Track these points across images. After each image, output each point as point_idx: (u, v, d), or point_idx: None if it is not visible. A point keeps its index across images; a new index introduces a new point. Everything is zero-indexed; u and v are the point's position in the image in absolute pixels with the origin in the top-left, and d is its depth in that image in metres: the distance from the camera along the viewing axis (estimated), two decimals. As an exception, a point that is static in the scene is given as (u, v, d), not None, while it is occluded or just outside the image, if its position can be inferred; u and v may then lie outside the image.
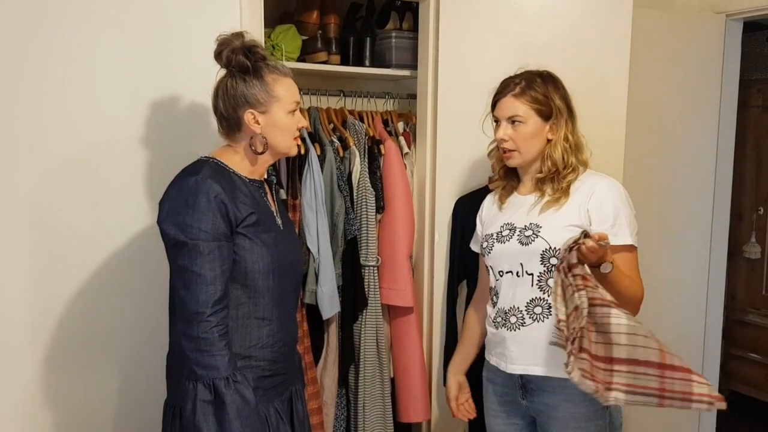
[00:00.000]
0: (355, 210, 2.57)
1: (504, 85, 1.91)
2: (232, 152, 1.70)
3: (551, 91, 1.87)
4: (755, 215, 4.02)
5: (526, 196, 1.94)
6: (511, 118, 1.87)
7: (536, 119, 1.86)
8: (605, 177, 1.89)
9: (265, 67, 1.66)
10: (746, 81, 3.76)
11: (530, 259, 1.84)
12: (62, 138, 1.97)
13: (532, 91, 1.86)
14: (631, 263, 1.82)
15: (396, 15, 2.86)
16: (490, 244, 1.94)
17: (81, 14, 1.95)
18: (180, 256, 1.54)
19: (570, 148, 1.87)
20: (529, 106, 1.85)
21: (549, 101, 1.86)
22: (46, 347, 2.00)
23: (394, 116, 2.83)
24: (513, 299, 1.88)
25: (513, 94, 1.87)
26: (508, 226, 1.92)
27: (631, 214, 1.84)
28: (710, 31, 3.07)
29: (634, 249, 1.84)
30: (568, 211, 1.83)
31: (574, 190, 1.86)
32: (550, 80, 1.90)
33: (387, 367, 2.67)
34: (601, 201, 1.82)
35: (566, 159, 1.86)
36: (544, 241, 1.81)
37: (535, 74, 1.90)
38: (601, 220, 1.80)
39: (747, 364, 4.05)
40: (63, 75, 1.95)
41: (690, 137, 3.11)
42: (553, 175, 1.87)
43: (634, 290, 1.80)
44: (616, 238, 1.78)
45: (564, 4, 2.55)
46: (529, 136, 1.86)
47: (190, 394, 1.53)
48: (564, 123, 1.88)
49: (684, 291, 3.15)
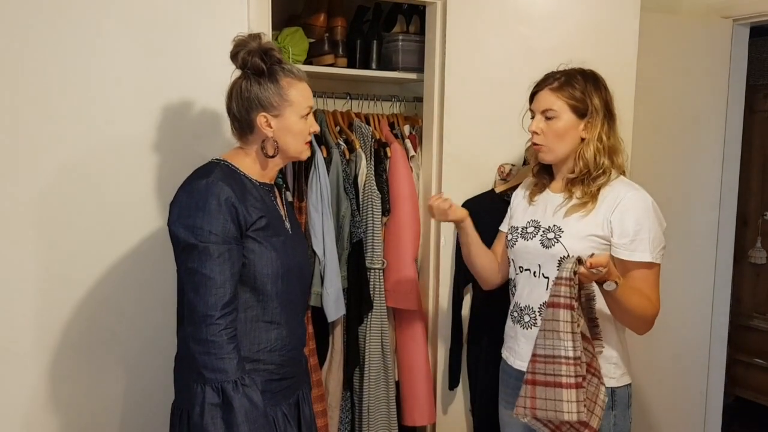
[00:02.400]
0: (360, 213, 2.57)
1: (544, 78, 1.89)
2: (243, 155, 1.70)
3: (590, 90, 1.84)
4: (761, 220, 4.02)
5: (556, 194, 1.93)
6: (545, 111, 1.85)
7: (570, 115, 1.84)
8: (635, 188, 1.84)
9: (281, 70, 1.66)
10: (753, 86, 3.75)
11: (548, 262, 1.84)
12: (70, 140, 1.97)
13: (570, 87, 1.84)
14: (648, 280, 1.78)
15: (403, 18, 2.86)
16: (515, 238, 1.95)
17: (89, 15, 1.96)
18: (190, 259, 1.54)
19: (603, 149, 1.84)
20: (564, 101, 1.83)
21: (586, 99, 1.83)
22: (52, 350, 2.00)
23: (400, 119, 2.84)
24: (528, 298, 1.90)
25: (550, 88, 1.85)
26: (533, 223, 1.92)
27: (656, 230, 1.79)
28: (717, 36, 3.06)
29: (655, 266, 1.79)
30: (593, 221, 1.81)
31: (602, 198, 1.82)
32: (591, 79, 1.87)
33: (392, 370, 2.67)
34: (624, 215, 1.78)
35: (598, 160, 1.83)
36: (563, 247, 1.81)
37: (577, 71, 1.88)
38: (621, 234, 1.77)
39: (752, 369, 4.05)
40: (70, 76, 1.95)
41: (696, 142, 3.11)
42: (584, 176, 1.84)
43: (645, 308, 1.76)
44: (634, 254, 1.76)
45: (571, 8, 2.55)
46: (562, 132, 1.84)
47: (198, 398, 1.53)
48: (600, 123, 1.84)
49: (689, 296, 3.14)
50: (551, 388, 1.63)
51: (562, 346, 1.62)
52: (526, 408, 1.66)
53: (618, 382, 1.86)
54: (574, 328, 1.62)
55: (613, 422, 1.86)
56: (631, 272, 1.77)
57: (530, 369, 1.67)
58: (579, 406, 1.61)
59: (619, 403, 1.86)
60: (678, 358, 3.13)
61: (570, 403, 1.61)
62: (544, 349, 1.65)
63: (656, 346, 2.96)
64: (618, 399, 1.86)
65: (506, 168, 2.51)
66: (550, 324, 1.64)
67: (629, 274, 1.77)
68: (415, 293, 2.60)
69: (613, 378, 1.85)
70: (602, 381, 1.74)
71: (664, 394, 3.08)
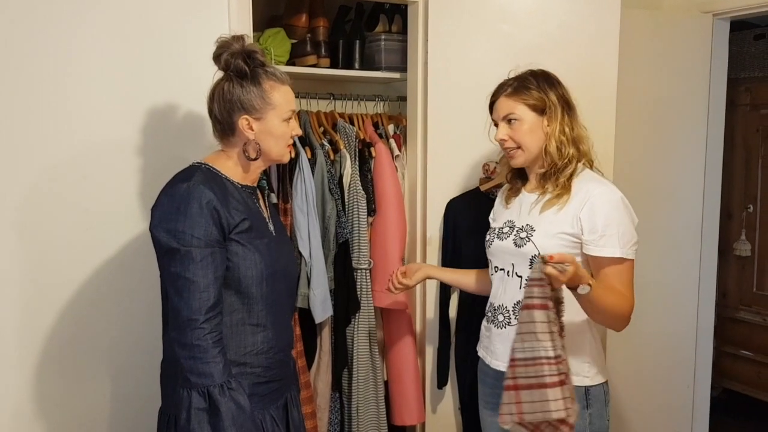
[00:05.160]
0: (346, 213, 2.56)
1: (498, 88, 1.93)
2: (224, 158, 1.69)
3: (544, 87, 1.87)
4: (745, 213, 4.04)
5: (530, 193, 1.94)
6: (507, 117, 1.88)
7: (531, 115, 1.86)
8: (603, 183, 1.85)
9: (264, 73, 1.65)
10: (734, 80, 3.78)
11: (521, 262, 1.85)
12: (52, 144, 1.96)
13: (525, 89, 1.87)
14: (620, 276, 1.76)
15: (385, 18, 2.86)
16: (492, 239, 1.97)
17: (70, 19, 1.94)
18: (172, 263, 1.53)
19: (568, 140, 1.85)
20: (523, 103, 1.86)
21: (542, 96, 1.86)
22: (36, 355, 1.98)
23: (384, 119, 2.84)
24: (503, 297, 1.91)
25: (506, 95, 1.89)
26: (509, 224, 1.94)
27: (626, 225, 1.78)
28: (698, 31, 3.08)
29: (626, 261, 1.77)
30: (564, 218, 1.81)
31: (574, 193, 1.83)
32: (543, 77, 1.90)
33: (380, 370, 2.67)
34: (593, 210, 1.78)
35: (563, 151, 1.85)
36: (534, 246, 1.81)
37: (527, 73, 1.91)
38: (590, 230, 1.77)
39: (739, 361, 4.07)
40: (52, 81, 1.94)
41: (679, 136, 3.13)
42: (552, 168, 1.86)
43: (620, 306, 1.75)
44: (603, 250, 1.76)
45: (553, 5, 2.56)
46: (528, 132, 1.86)
47: (184, 402, 1.51)
48: (560, 116, 1.86)
49: (675, 289, 3.16)
50: (536, 389, 1.60)
51: (541, 347, 1.60)
52: (513, 414, 1.63)
53: (592, 381, 1.86)
54: (551, 328, 1.60)
55: (589, 421, 1.85)
56: (604, 270, 1.76)
57: (510, 375, 1.64)
58: (566, 403, 1.60)
59: (594, 402, 1.85)
60: (665, 352, 3.15)
61: (557, 402, 1.59)
62: (523, 352, 1.62)
63: (643, 340, 2.98)
64: (593, 398, 1.85)
65: (491, 166, 2.52)
66: (526, 326, 1.61)
67: (602, 271, 1.77)
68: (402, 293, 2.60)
69: (587, 377, 1.85)
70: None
71: (652, 387, 3.10)
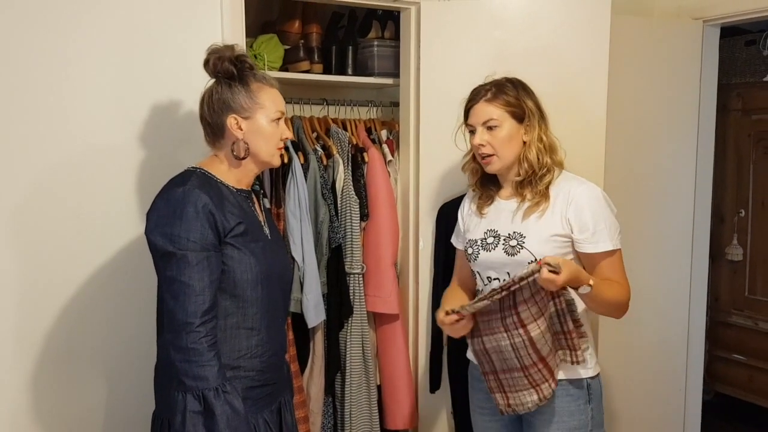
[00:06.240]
0: (339, 218, 2.57)
1: (475, 92, 1.94)
2: (218, 162, 1.71)
3: (522, 95, 1.90)
4: (736, 217, 4.06)
5: (507, 200, 1.96)
6: (486, 122, 1.89)
7: (511, 122, 1.88)
8: (582, 182, 1.91)
9: (252, 75, 1.68)
10: (726, 85, 3.80)
11: (516, 269, 1.85)
12: (47, 148, 1.96)
13: (504, 95, 1.89)
14: (614, 266, 1.85)
15: (378, 24, 2.88)
16: (476, 251, 1.95)
17: (63, 24, 1.95)
18: (168, 267, 1.54)
19: (545, 148, 1.89)
20: (503, 109, 1.88)
21: (521, 103, 1.89)
22: (31, 359, 1.98)
23: (377, 124, 2.85)
24: None
25: (486, 100, 1.90)
26: (492, 233, 1.93)
27: (611, 218, 1.86)
28: (688, 37, 3.10)
29: (617, 251, 1.85)
30: (552, 221, 1.85)
31: (554, 197, 1.88)
32: (519, 85, 1.93)
33: (373, 375, 2.68)
34: (580, 209, 1.84)
35: (541, 159, 1.89)
36: (529, 253, 1.83)
37: (504, 80, 1.94)
38: (581, 229, 1.83)
39: (731, 365, 4.08)
40: (46, 85, 1.95)
41: (670, 142, 3.14)
42: (531, 177, 1.89)
43: (620, 295, 1.83)
44: (598, 246, 1.83)
45: (543, 12, 2.57)
46: (506, 139, 1.88)
47: (179, 406, 1.52)
48: (537, 124, 1.90)
49: (667, 293, 3.17)
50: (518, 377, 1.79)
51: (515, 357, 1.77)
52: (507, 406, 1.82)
53: (594, 371, 1.89)
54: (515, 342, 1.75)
55: (591, 415, 1.88)
56: (599, 264, 1.84)
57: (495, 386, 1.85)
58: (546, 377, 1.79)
59: (594, 396, 1.89)
60: (656, 356, 3.16)
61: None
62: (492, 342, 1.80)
63: (635, 343, 2.99)
64: (593, 392, 1.89)
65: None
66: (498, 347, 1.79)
67: (597, 265, 1.84)
68: (395, 297, 2.61)
69: (589, 368, 1.88)
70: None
71: (644, 391, 3.10)
